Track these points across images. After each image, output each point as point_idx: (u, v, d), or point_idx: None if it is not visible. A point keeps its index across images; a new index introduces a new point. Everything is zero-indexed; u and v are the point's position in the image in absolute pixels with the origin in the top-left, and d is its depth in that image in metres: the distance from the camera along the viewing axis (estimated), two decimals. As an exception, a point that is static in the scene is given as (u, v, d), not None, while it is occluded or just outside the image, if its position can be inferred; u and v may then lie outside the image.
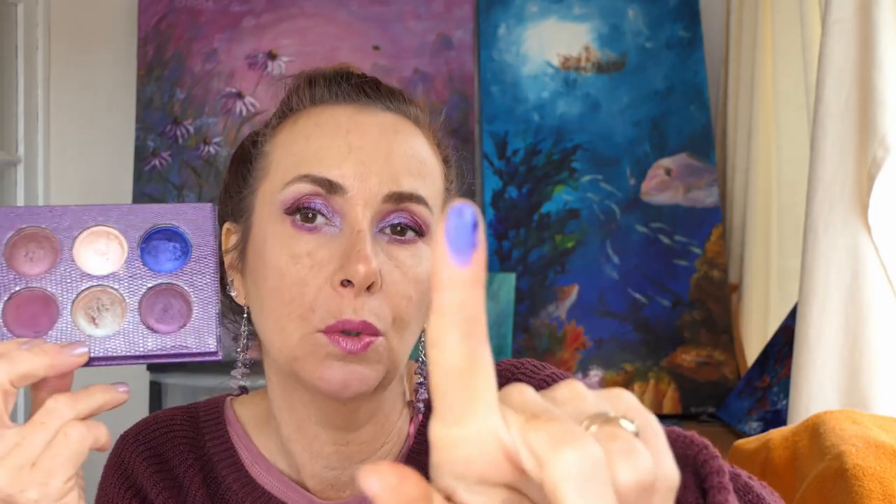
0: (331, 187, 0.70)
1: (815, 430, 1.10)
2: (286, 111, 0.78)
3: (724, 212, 2.33)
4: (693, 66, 2.36)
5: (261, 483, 0.79)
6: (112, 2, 2.43)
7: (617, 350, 2.21)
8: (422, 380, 0.82)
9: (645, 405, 0.37)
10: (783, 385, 1.84)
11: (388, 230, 0.72)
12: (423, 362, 0.82)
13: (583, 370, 2.18)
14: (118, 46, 2.42)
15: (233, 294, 0.78)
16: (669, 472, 0.36)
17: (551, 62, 2.37)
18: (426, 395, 0.81)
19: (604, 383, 2.18)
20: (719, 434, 2.00)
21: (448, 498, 0.36)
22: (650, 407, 2.17)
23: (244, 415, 0.83)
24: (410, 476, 0.34)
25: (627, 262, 2.26)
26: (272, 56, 2.38)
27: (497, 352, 2.09)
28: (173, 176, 2.33)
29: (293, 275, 0.69)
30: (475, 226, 0.33)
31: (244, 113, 2.36)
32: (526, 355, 2.15)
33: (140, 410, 2.27)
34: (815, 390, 1.45)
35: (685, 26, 2.38)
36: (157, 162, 2.33)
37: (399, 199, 0.71)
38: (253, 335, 0.78)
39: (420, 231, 0.73)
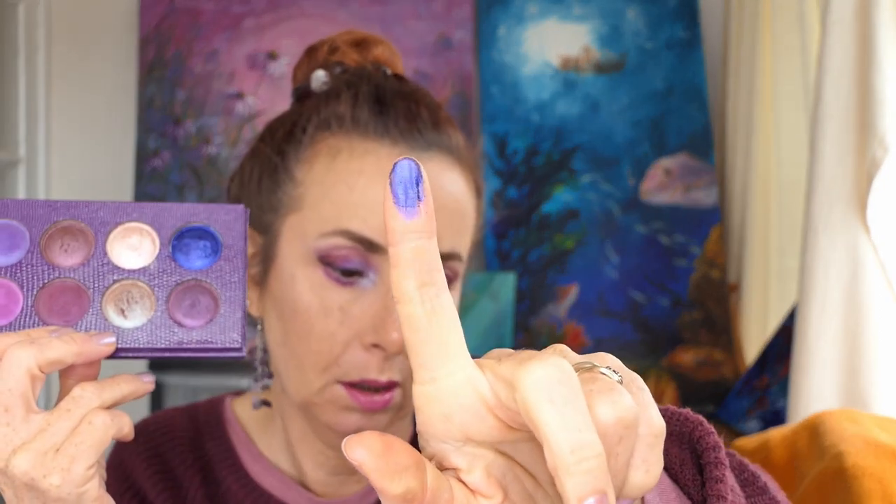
0: (371, 246, 0.69)
1: (814, 429, 1.11)
2: (323, 129, 0.73)
3: (723, 212, 2.34)
4: (692, 66, 2.36)
5: (260, 483, 0.79)
6: (113, 2, 2.43)
7: (616, 350, 2.21)
8: None
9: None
10: (782, 385, 1.84)
11: None
12: None
13: (583, 370, 2.18)
14: (119, 47, 2.43)
15: (246, 303, 0.78)
16: (655, 420, 0.36)
17: (551, 62, 2.38)
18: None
19: (604, 383, 2.18)
20: (718, 433, 2.00)
21: (439, 465, 0.36)
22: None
23: (244, 415, 0.83)
24: (397, 443, 0.34)
25: (627, 262, 2.26)
26: (273, 56, 2.38)
27: (497, 352, 2.09)
28: (174, 176, 2.33)
29: (322, 329, 0.69)
30: (419, 179, 0.35)
31: (245, 113, 2.36)
32: (526, 355, 2.15)
33: (140, 410, 2.27)
34: (815, 390, 1.46)
35: (685, 26, 2.38)
36: (157, 162, 2.34)
37: None
38: (265, 350, 0.77)
39: (450, 282, 0.71)
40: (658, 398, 2.18)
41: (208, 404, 0.84)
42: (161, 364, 2.15)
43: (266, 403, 0.79)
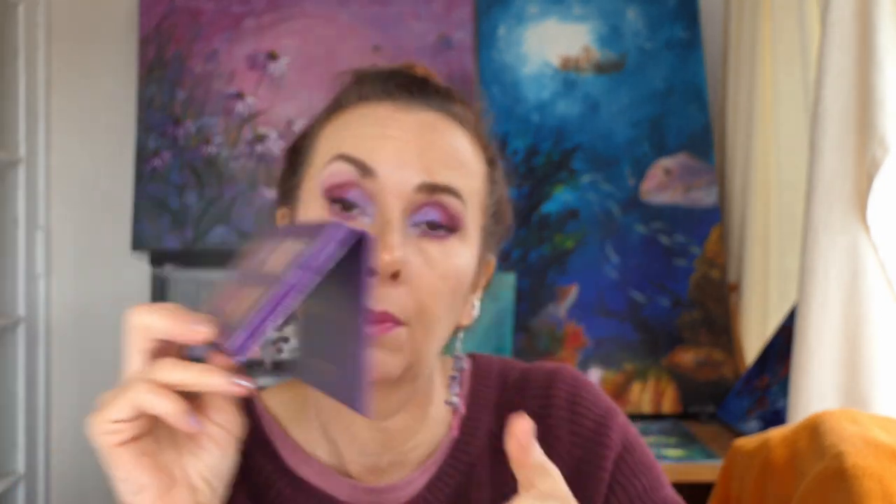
0: (364, 170, 0.71)
1: (814, 429, 1.11)
2: (335, 107, 0.80)
3: (723, 212, 2.34)
4: (692, 66, 2.36)
5: (298, 473, 0.80)
6: (113, 2, 2.43)
7: (616, 350, 2.21)
8: (455, 374, 0.83)
9: (644, 405, 0.37)
10: (783, 385, 1.84)
11: (422, 225, 0.72)
12: (458, 357, 0.83)
13: (582, 370, 2.18)
14: (119, 47, 2.43)
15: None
16: None
17: (551, 63, 2.38)
18: (458, 390, 0.83)
19: (603, 383, 2.18)
20: (719, 434, 2.00)
21: None
22: (650, 407, 2.18)
23: (275, 406, 0.84)
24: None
25: (627, 261, 2.26)
26: (273, 56, 2.38)
27: (497, 352, 2.09)
28: (174, 176, 2.33)
29: None
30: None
31: (245, 113, 2.36)
32: (526, 355, 2.16)
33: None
34: (815, 390, 1.46)
35: (685, 26, 2.38)
36: (157, 162, 2.34)
37: (432, 190, 0.72)
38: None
39: (453, 227, 0.73)
40: (658, 398, 2.18)
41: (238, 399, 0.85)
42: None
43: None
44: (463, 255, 0.74)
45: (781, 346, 1.94)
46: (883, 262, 1.43)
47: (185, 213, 2.32)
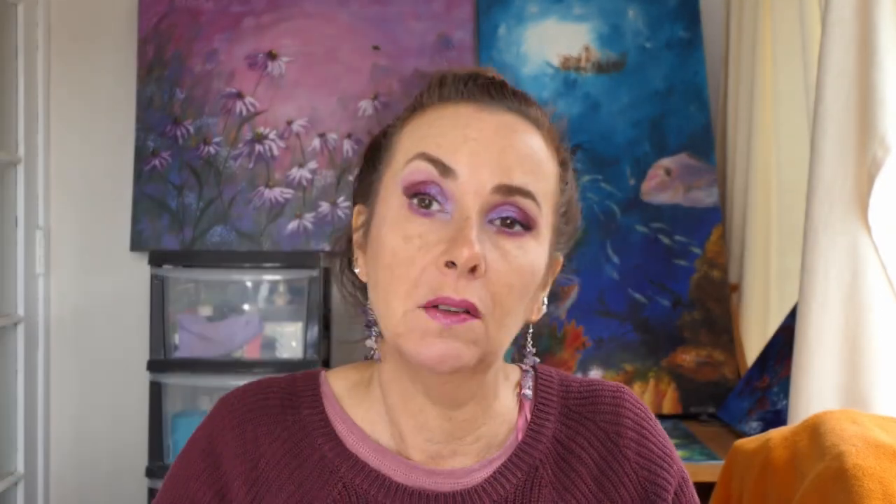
0: (445, 170, 0.75)
1: (814, 430, 1.10)
2: (416, 107, 0.82)
3: (723, 212, 2.33)
4: (693, 66, 2.36)
5: (355, 452, 0.82)
6: (112, 2, 2.43)
7: (617, 350, 2.21)
8: (528, 369, 0.87)
9: (644, 402, 0.37)
10: (783, 385, 1.84)
11: (497, 222, 0.75)
12: (529, 352, 0.86)
13: (583, 370, 2.18)
14: (118, 46, 2.43)
15: (357, 271, 0.83)
16: None
17: (551, 62, 2.38)
18: (530, 383, 0.87)
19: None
20: (719, 434, 2.00)
21: None
22: (650, 407, 2.17)
23: (339, 388, 0.86)
24: None
25: (627, 262, 2.26)
26: (272, 56, 2.38)
27: (497, 352, 2.09)
28: (173, 176, 2.33)
29: (404, 254, 0.74)
30: None
31: (244, 113, 2.36)
32: (526, 355, 2.15)
33: (140, 409, 2.27)
34: (815, 390, 1.45)
35: (685, 26, 2.38)
36: (157, 162, 2.33)
37: (508, 191, 0.75)
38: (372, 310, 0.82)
39: (527, 225, 0.76)
40: (658, 398, 2.18)
41: (305, 376, 0.88)
42: (160, 365, 2.14)
43: (374, 354, 0.83)
44: (536, 251, 0.77)
45: (782, 346, 1.94)
46: (883, 262, 1.43)
47: (184, 213, 2.31)
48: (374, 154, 0.84)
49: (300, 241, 2.32)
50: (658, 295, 2.24)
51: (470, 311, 0.73)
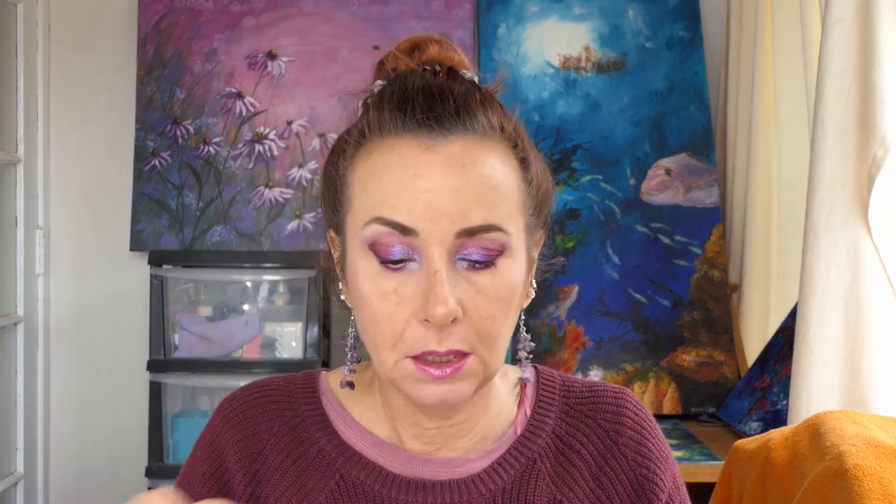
0: (405, 230, 0.74)
1: (815, 430, 1.10)
2: (360, 138, 0.79)
3: (724, 212, 2.33)
4: (693, 66, 2.36)
5: (352, 445, 0.84)
6: (112, 2, 2.43)
7: (617, 350, 2.21)
8: (525, 355, 0.88)
9: (645, 405, 0.37)
10: (783, 385, 1.84)
11: (465, 263, 0.75)
12: (525, 338, 0.87)
13: (583, 371, 2.18)
14: (118, 46, 2.42)
15: (342, 297, 0.83)
16: None
17: (551, 62, 2.37)
18: (529, 370, 0.88)
19: (604, 383, 2.18)
20: (719, 434, 2.00)
21: None
22: (650, 407, 2.17)
23: (337, 387, 0.88)
24: None
25: (627, 262, 2.26)
26: (272, 56, 2.38)
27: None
28: (173, 176, 2.33)
29: (383, 310, 0.75)
30: None
31: (244, 113, 2.36)
32: (526, 355, 2.15)
33: (140, 410, 2.27)
34: (815, 390, 1.45)
35: (685, 26, 2.38)
36: (156, 162, 2.33)
37: (471, 233, 0.74)
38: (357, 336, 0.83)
39: (498, 256, 0.76)
40: (659, 399, 2.18)
41: (305, 375, 0.90)
42: (160, 365, 2.14)
43: (350, 385, 0.85)
44: (511, 268, 0.77)
45: (782, 346, 1.94)
46: (883, 262, 1.43)
47: (183, 213, 2.31)
48: (334, 186, 0.82)
49: (300, 241, 2.32)
50: (658, 295, 2.24)
51: (458, 355, 0.74)
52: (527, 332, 0.86)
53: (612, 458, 0.86)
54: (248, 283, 2.24)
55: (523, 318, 0.85)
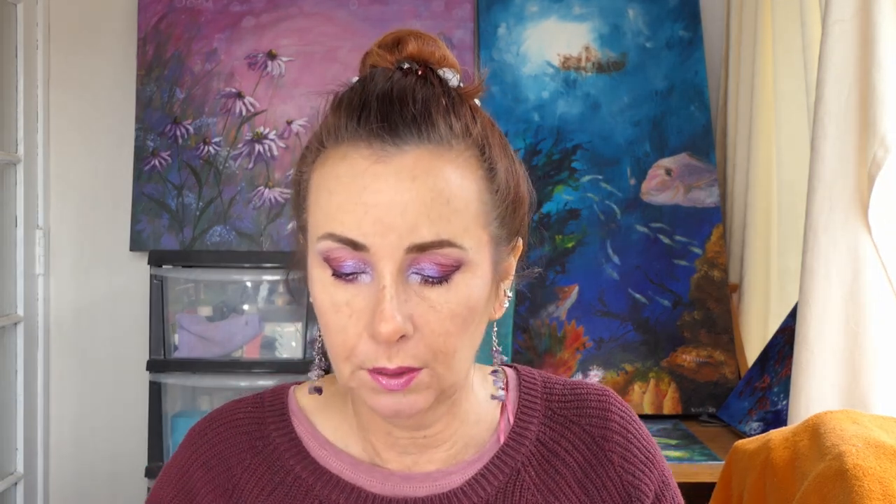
0: (355, 245, 0.72)
1: (815, 430, 1.10)
2: (318, 144, 0.78)
3: (724, 212, 2.33)
4: (693, 66, 2.36)
5: (328, 468, 0.82)
6: (112, 2, 2.43)
7: (617, 350, 2.21)
8: (497, 368, 0.85)
9: (645, 405, 0.37)
10: (783, 385, 1.84)
11: (416, 277, 0.73)
12: (496, 351, 0.84)
13: (583, 371, 2.18)
14: (118, 46, 2.42)
15: (313, 301, 0.81)
16: None
17: (551, 62, 2.37)
18: (501, 384, 0.85)
19: (604, 383, 2.18)
20: (719, 434, 2.00)
21: None
22: (650, 407, 2.17)
23: (307, 404, 0.86)
24: None
25: (627, 262, 2.26)
26: (272, 56, 2.38)
27: (497, 352, 2.09)
28: (173, 176, 2.33)
29: (336, 322, 0.74)
30: None
31: (244, 113, 2.36)
32: (526, 356, 2.15)
33: (140, 410, 2.27)
34: (815, 390, 1.45)
35: (685, 26, 2.38)
36: (156, 162, 2.33)
37: (420, 249, 0.72)
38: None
39: (452, 271, 0.73)
40: (658, 398, 2.18)
41: (272, 394, 0.87)
42: (160, 365, 2.14)
43: (318, 390, 0.83)
44: (469, 283, 0.74)
45: (782, 346, 1.94)
46: (883, 262, 1.43)
47: (183, 213, 2.31)
48: (297, 191, 0.80)
49: (300, 241, 2.32)
50: (658, 295, 2.24)
51: (409, 371, 0.72)
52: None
53: (599, 465, 0.84)
54: (248, 283, 2.24)
55: (496, 329, 0.82)
